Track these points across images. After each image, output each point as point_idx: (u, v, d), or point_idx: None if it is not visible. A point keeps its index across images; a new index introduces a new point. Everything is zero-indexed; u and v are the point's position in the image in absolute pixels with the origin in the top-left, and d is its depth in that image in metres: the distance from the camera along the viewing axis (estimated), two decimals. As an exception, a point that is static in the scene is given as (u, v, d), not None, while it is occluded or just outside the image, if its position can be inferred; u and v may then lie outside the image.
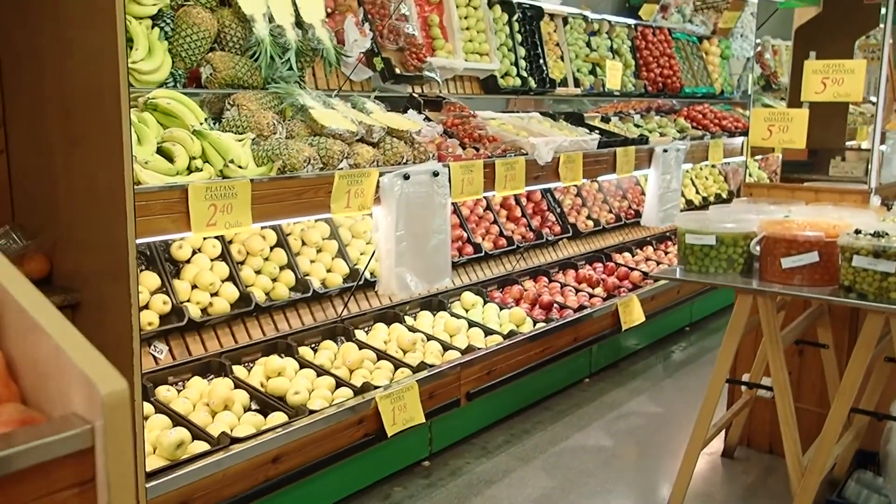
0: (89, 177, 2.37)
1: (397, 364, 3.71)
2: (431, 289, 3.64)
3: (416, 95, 4.40)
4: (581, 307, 4.82)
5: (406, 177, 3.33)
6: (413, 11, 4.64)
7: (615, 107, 6.97)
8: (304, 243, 4.13)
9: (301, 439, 2.99)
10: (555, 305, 4.82)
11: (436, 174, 3.48)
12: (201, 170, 2.82)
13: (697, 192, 7.41)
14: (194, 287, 3.57)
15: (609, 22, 6.59)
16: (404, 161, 3.45)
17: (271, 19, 3.61)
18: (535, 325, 4.51)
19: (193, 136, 2.87)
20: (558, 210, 5.93)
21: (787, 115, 3.74)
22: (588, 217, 6.10)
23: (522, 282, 5.20)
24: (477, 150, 4.04)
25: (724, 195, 7.60)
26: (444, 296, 4.62)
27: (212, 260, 3.71)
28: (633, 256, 6.14)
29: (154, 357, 3.38)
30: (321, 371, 3.51)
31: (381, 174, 3.27)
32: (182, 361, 3.35)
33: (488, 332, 4.29)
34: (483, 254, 4.99)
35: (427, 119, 4.24)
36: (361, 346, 3.83)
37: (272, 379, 3.37)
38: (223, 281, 3.69)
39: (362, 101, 3.71)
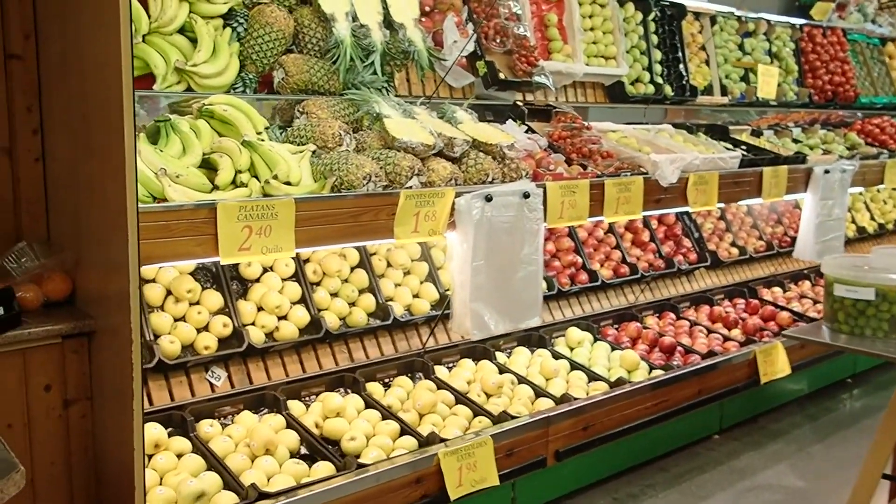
0: (101, 190, 2.10)
1: (476, 411, 3.24)
2: (516, 329, 3.14)
3: (519, 103, 3.91)
4: (710, 353, 4.12)
5: (488, 198, 2.86)
6: (526, 10, 4.15)
7: (776, 118, 6.11)
8: (389, 265, 3.76)
9: (343, 498, 2.58)
10: (678, 349, 4.16)
11: (526, 196, 2.98)
12: (246, 185, 2.50)
13: (873, 219, 6.39)
14: (261, 309, 3.28)
15: (767, 21, 5.76)
16: (489, 179, 2.98)
17: (355, 18, 3.26)
18: (650, 371, 3.88)
19: (242, 146, 2.56)
20: (696, 235, 5.22)
21: None
22: (732, 244, 5.36)
23: (644, 318, 4.56)
24: (584, 167, 3.49)
25: (909, 222, 6.52)
26: (547, 330, 4.09)
27: (283, 280, 3.41)
28: (784, 293, 5.31)
29: (210, 384, 3.12)
30: (387, 413, 3.10)
31: (457, 194, 2.82)
32: (232, 392, 3.05)
33: (592, 377, 3.72)
34: (599, 282, 4.42)
35: (530, 130, 3.73)
36: (440, 385, 3.39)
37: (329, 419, 3.01)
38: (294, 303, 3.38)
39: (452, 110, 3.28)
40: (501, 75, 3.81)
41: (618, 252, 4.71)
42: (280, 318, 3.30)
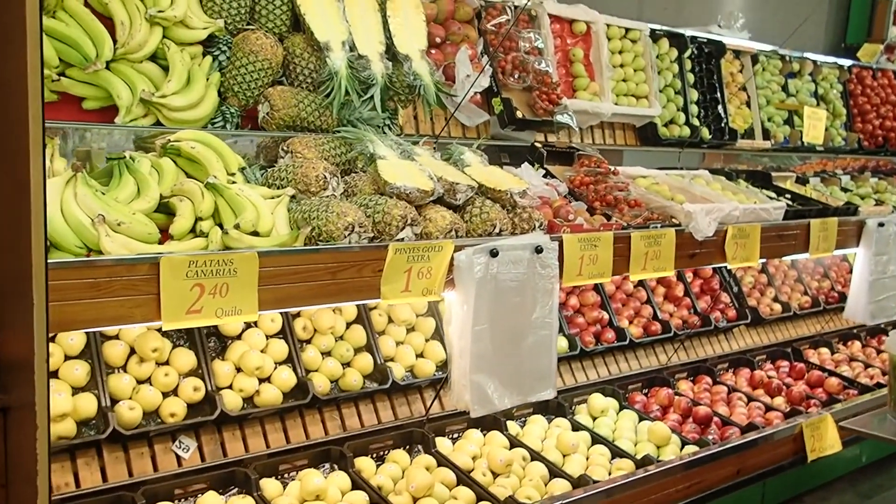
0: (11, 238, 1.77)
1: (479, 495, 2.82)
2: (525, 402, 2.74)
3: (538, 145, 3.54)
4: (751, 426, 3.65)
5: (494, 253, 2.48)
6: (549, 44, 3.80)
7: (821, 164, 5.67)
8: (391, 320, 3.39)
9: None
10: (714, 420, 3.69)
11: (539, 250, 2.59)
12: (206, 234, 2.15)
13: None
14: (239, 370, 2.92)
15: (813, 62, 5.36)
16: (496, 231, 2.60)
17: (353, 48, 2.94)
18: (682, 447, 3.43)
19: (205, 189, 2.22)
20: (735, 289, 4.79)
21: None
22: (774, 299, 4.91)
23: (676, 382, 4.11)
24: (608, 217, 3.10)
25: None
26: (567, 396, 3.67)
27: (268, 337, 3.05)
28: (832, 354, 4.83)
29: (177, 456, 2.75)
30: (375, 497, 2.70)
31: (457, 248, 2.44)
32: (196, 468, 2.68)
33: (616, 453, 3.27)
34: (628, 341, 4.00)
35: (548, 175, 3.36)
36: (440, 461, 2.98)
37: (307, 503, 2.61)
38: (279, 363, 3.01)
39: (460, 152, 2.92)
40: (519, 114, 3.46)
41: (648, 308, 4.29)
42: (262, 381, 2.93)
